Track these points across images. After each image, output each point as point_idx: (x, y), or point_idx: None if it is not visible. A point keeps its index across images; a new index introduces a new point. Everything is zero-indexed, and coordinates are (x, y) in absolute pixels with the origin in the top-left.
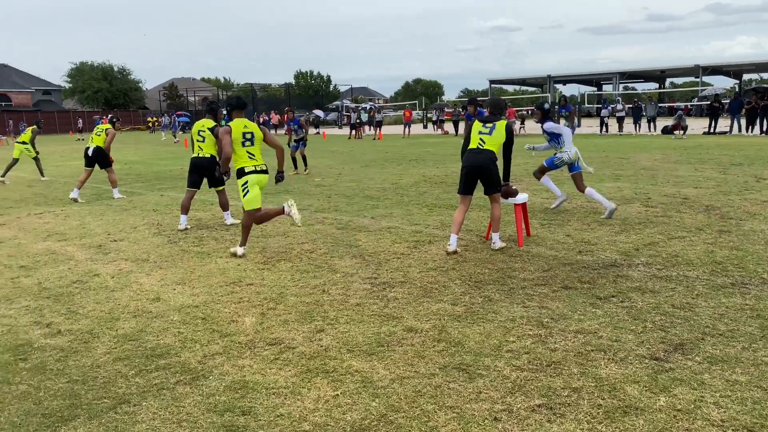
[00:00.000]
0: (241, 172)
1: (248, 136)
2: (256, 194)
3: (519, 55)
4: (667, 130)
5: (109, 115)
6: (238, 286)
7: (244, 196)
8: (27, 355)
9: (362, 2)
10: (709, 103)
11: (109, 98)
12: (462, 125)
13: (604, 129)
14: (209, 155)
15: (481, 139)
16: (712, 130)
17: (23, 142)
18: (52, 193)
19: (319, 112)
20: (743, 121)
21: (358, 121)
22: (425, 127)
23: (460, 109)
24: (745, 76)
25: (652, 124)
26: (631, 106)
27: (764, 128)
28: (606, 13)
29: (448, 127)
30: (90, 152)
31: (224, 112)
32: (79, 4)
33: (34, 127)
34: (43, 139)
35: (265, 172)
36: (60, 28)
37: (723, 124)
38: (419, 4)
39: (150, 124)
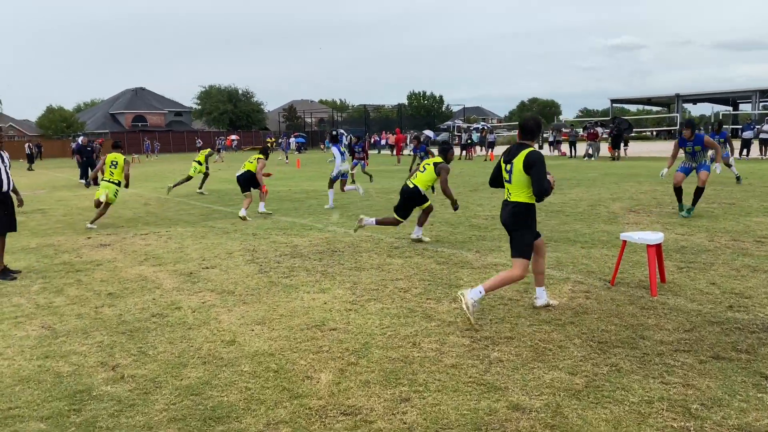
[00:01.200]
0: None
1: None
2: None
3: (643, 73)
4: None
5: (232, 137)
6: (320, 331)
7: None
8: (82, 406)
9: (477, 24)
10: None
11: (233, 119)
12: (581, 146)
13: (745, 152)
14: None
15: (507, 189)
16: None
17: (199, 162)
18: (164, 213)
19: (429, 133)
20: None
21: (468, 141)
22: (541, 147)
23: (579, 130)
24: None
25: None
26: None
27: None
28: (741, 27)
29: (565, 148)
30: (241, 178)
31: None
32: (216, 31)
33: (209, 150)
34: (170, 157)
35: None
36: (194, 54)
37: None
38: (536, 23)
39: (269, 145)
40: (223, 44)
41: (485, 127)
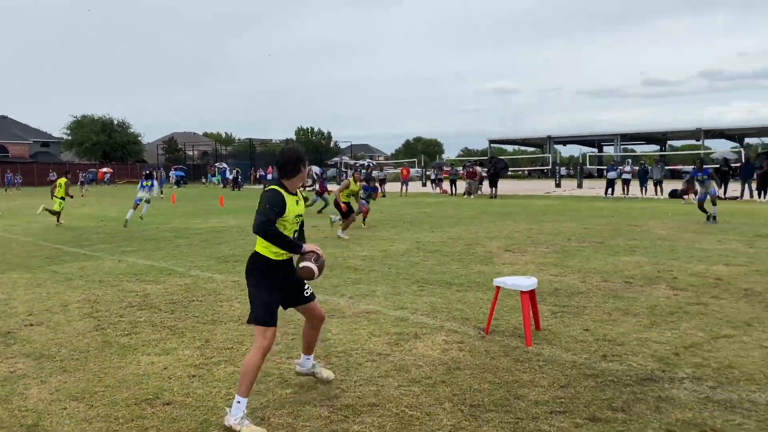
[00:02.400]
0: None
1: None
2: None
3: (519, 115)
4: (676, 194)
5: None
6: (151, 406)
7: None
8: None
9: (369, 66)
10: (718, 167)
11: (107, 151)
12: (461, 184)
13: (610, 191)
14: None
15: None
16: (723, 196)
17: (62, 198)
18: (1, 255)
19: (316, 169)
20: (753, 186)
21: None
22: (424, 185)
23: (459, 168)
24: (747, 140)
25: (658, 187)
26: (637, 168)
27: None
28: (603, 78)
29: (446, 186)
30: None
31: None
32: (86, 59)
33: (64, 179)
34: (35, 190)
35: None
36: (64, 82)
37: (732, 188)
38: (423, 67)
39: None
40: (98, 73)
41: (371, 164)
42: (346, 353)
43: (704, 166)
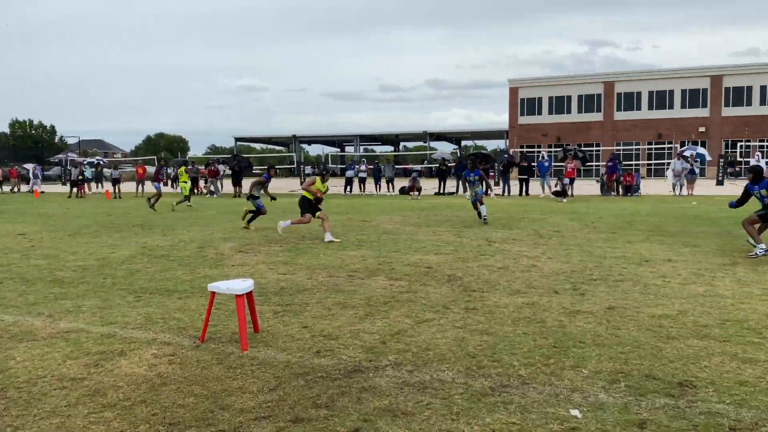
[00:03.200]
0: None
1: None
2: None
3: (267, 114)
4: (404, 191)
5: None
6: None
7: None
8: None
9: (107, 54)
10: (438, 165)
11: None
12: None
13: (348, 189)
14: None
15: None
16: (441, 191)
17: None
18: None
19: (29, 166)
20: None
21: (80, 177)
22: (165, 184)
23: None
24: (464, 142)
25: (390, 184)
26: (372, 167)
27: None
28: (345, 81)
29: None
30: None
31: None
32: None
33: None
34: None
35: None
36: None
37: (450, 185)
38: (168, 59)
39: None
40: None
41: (101, 162)
42: (30, 383)
43: (476, 168)
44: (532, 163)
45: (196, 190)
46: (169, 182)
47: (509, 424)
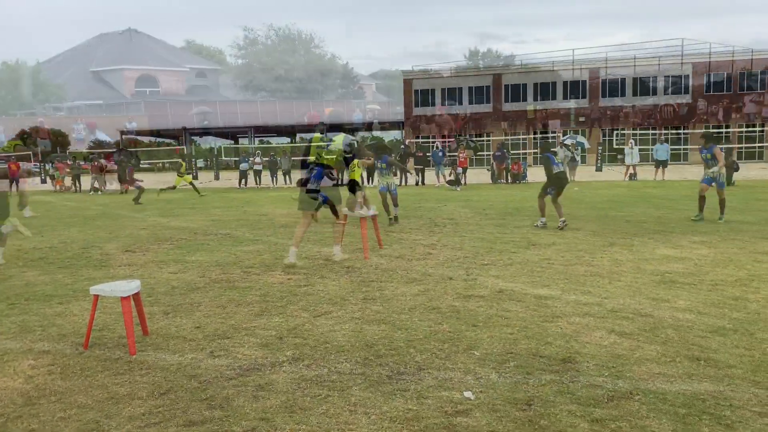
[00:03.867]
0: None
1: None
2: None
3: (157, 105)
4: (302, 183)
5: None
6: None
7: None
8: None
9: None
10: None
11: None
12: (87, 180)
13: (244, 182)
14: None
15: None
16: (340, 183)
17: None
18: None
19: None
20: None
21: None
22: (44, 181)
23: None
24: (360, 134)
25: (287, 176)
26: (267, 159)
27: None
28: None
29: (69, 181)
30: None
31: None
32: None
33: None
34: None
35: None
36: None
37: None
38: None
39: None
40: None
41: None
42: None
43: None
44: (427, 154)
45: (78, 187)
46: (48, 179)
47: (405, 411)
